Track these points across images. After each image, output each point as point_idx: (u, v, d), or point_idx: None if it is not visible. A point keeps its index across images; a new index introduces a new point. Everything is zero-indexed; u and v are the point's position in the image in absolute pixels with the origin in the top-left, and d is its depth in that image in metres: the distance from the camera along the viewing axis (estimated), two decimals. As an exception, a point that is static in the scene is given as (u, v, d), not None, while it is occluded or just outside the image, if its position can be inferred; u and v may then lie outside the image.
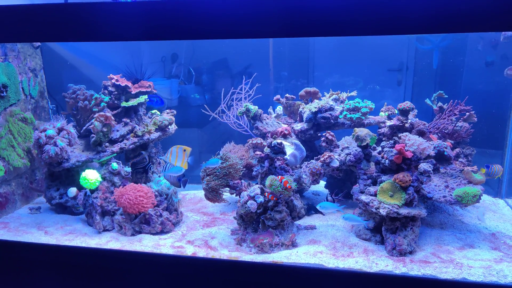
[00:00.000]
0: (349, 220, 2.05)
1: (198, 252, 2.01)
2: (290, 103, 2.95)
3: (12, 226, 2.36)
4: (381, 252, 1.97)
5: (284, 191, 2.03)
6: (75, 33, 1.79)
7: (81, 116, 2.72)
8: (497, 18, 1.42)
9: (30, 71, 2.77)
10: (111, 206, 2.35)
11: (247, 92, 2.95)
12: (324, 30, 1.57)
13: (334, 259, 1.90)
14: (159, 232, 2.27)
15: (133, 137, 2.66)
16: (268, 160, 2.27)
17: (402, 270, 1.78)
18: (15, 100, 2.60)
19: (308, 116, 2.68)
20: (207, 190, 2.25)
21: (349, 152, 2.35)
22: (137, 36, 1.81)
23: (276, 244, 2.03)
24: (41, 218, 2.49)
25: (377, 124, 2.66)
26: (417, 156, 2.03)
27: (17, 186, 2.66)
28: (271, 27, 1.60)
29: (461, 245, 2.03)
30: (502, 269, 1.76)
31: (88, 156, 2.54)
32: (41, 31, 1.82)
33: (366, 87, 3.47)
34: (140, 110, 2.80)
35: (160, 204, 2.34)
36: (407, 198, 1.97)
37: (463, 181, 2.25)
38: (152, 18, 1.67)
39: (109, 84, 2.73)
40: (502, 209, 2.58)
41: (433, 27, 1.49)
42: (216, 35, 1.67)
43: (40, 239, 2.20)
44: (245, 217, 2.12)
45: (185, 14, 1.63)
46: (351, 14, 1.50)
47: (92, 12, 1.71)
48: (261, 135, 2.70)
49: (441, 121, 2.60)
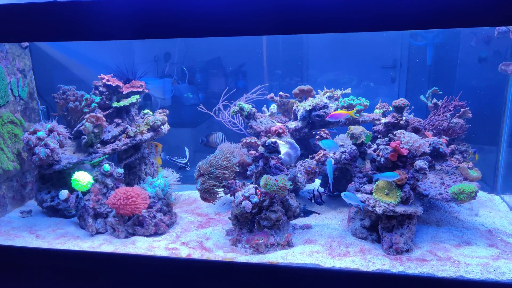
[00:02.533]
0: (349, 199, 2.00)
1: (193, 254, 1.99)
2: (284, 101, 2.93)
3: (3, 230, 2.32)
4: (378, 250, 1.95)
5: (279, 190, 2.01)
6: (65, 33, 1.76)
7: (71, 117, 2.68)
8: (491, 13, 1.41)
9: (19, 72, 2.72)
10: (104, 208, 2.32)
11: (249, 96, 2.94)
12: (317, 27, 1.55)
13: (331, 258, 1.88)
14: (153, 234, 2.24)
15: (125, 138, 2.62)
16: (262, 159, 2.25)
17: (399, 268, 1.77)
18: (3, 101, 2.55)
19: (303, 114, 2.66)
20: (202, 190, 2.22)
21: (344, 150, 2.33)
22: (128, 35, 1.78)
23: (271, 244, 2.00)
24: (32, 221, 2.45)
25: (372, 122, 2.65)
26: (413, 153, 2.02)
27: (7, 189, 2.61)
28: (264, 24, 1.58)
29: (458, 243, 2.02)
30: (499, 266, 1.75)
31: (79, 158, 2.50)
32: (29, 31, 1.78)
33: (360, 85, 3.47)
34: (132, 110, 2.76)
35: (154, 205, 2.31)
36: (403, 196, 1.96)
37: (459, 177, 2.25)
38: (143, 16, 1.64)
39: (100, 84, 2.68)
40: (498, 205, 2.57)
41: (427, 22, 1.48)
42: (209, 33, 1.65)
43: (31, 243, 2.16)
44: (240, 217, 2.09)
45: (176, 11, 1.60)
46: (344, 10, 1.49)
47: (81, 10, 1.68)
48: (255, 134, 2.67)
49: (436, 117, 2.59)
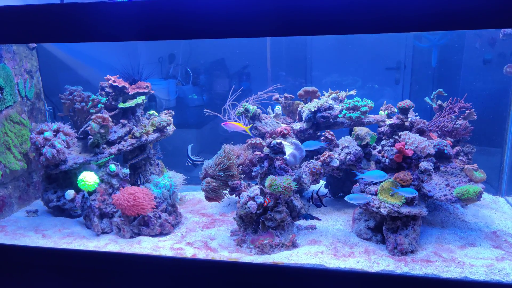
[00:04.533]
0: (354, 200, 1.99)
1: (197, 254, 1.99)
2: (289, 102, 2.94)
3: (9, 230, 2.34)
4: (382, 251, 1.95)
5: (284, 191, 2.02)
6: (71, 34, 1.77)
7: (78, 118, 2.70)
8: (496, 15, 1.41)
9: (26, 72, 2.74)
10: (110, 208, 2.33)
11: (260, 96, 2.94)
12: (321, 29, 1.55)
13: (335, 259, 1.89)
14: (158, 234, 2.25)
15: (131, 139, 2.64)
16: (267, 160, 2.25)
17: (403, 269, 1.77)
18: (11, 102, 2.58)
19: (307, 115, 2.66)
20: (207, 191, 2.23)
21: (349, 151, 2.33)
22: (134, 36, 1.79)
23: (276, 244, 2.01)
24: (38, 221, 2.47)
25: (377, 123, 2.65)
26: (418, 154, 2.02)
27: (14, 189, 2.63)
28: (268, 26, 1.58)
29: (463, 244, 2.02)
30: (504, 268, 1.75)
31: (85, 158, 2.51)
32: (36, 32, 1.80)
33: (365, 86, 3.47)
34: (138, 111, 2.77)
35: (159, 205, 2.32)
36: (408, 197, 1.96)
37: (463, 179, 2.24)
38: (148, 18, 1.66)
39: (106, 85, 2.70)
40: (503, 207, 2.57)
41: (431, 24, 1.48)
42: (213, 35, 1.66)
43: (37, 242, 2.18)
44: (245, 218, 2.10)
45: (181, 13, 1.61)
46: (348, 12, 1.49)
47: (88, 12, 1.69)
48: (260, 135, 2.68)
49: (441, 119, 2.59)
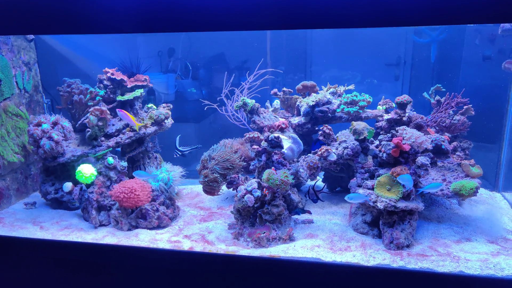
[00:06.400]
0: (353, 199, 2.00)
1: (195, 247, 2.00)
2: (287, 97, 2.94)
3: (7, 222, 2.34)
4: (379, 245, 1.96)
5: (281, 185, 2.02)
6: (70, 26, 1.77)
7: (76, 110, 2.69)
8: (495, 9, 1.41)
9: (24, 64, 2.73)
10: (107, 200, 2.34)
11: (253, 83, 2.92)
12: (321, 22, 1.55)
13: (332, 253, 1.90)
14: (155, 227, 2.26)
15: (129, 132, 2.64)
16: (265, 154, 2.26)
17: (399, 263, 1.78)
18: (8, 94, 2.57)
19: (306, 110, 2.66)
20: (205, 183, 2.24)
21: (346, 145, 2.34)
22: (132, 29, 1.79)
23: (273, 238, 2.02)
24: (36, 213, 2.48)
25: (375, 118, 2.65)
26: (415, 149, 2.03)
27: (12, 181, 2.64)
28: (267, 19, 1.58)
29: (458, 239, 2.03)
30: (499, 262, 1.76)
31: (83, 151, 2.52)
32: (34, 23, 1.79)
33: (364, 81, 3.46)
34: (136, 104, 2.77)
35: (157, 198, 2.33)
36: (405, 192, 1.97)
37: (460, 174, 2.25)
38: (147, 10, 1.65)
39: (105, 78, 2.69)
40: (499, 202, 2.58)
41: (431, 18, 1.48)
42: (213, 27, 1.65)
43: (35, 234, 2.18)
44: (242, 211, 2.11)
45: (181, 5, 1.61)
46: (348, 5, 1.49)
47: (87, 3, 1.69)
48: (258, 129, 2.68)
49: (438, 114, 2.59)
